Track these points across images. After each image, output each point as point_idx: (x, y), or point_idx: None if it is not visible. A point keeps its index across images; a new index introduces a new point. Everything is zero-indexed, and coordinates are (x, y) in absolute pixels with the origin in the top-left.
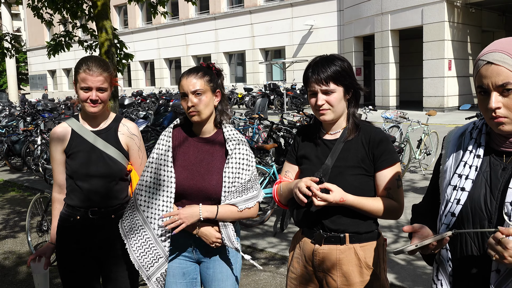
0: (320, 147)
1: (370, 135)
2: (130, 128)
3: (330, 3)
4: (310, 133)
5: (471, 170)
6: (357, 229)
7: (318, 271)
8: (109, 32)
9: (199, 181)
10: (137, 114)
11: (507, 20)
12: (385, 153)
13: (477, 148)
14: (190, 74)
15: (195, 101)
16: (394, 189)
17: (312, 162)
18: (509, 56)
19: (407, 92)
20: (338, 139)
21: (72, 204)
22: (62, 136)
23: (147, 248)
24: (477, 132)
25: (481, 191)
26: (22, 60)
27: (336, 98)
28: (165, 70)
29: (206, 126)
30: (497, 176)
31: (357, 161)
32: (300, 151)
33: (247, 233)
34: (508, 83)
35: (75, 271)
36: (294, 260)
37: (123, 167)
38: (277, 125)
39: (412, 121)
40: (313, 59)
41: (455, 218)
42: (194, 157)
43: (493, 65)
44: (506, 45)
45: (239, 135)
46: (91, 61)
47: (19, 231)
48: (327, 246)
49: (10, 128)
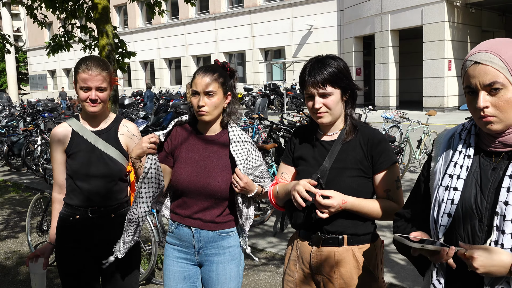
0: (317, 149)
1: (369, 136)
2: (130, 128)
3: (330, 3)
4: (307, 134)
5: (462, 170)
6: (355, 231)
7: (316, 273)
8: (110, 36)
9: (203, 178)
10: (137, 114)
11: (507, 20)
12: (384, 155)
13: (467, 148)
14: (206, 73)
15: (206, 101)
16: (394, 190)
17: (309, 164)
18: (496, 56)
19: (407, 92)
20: (335, 140)
21: (72, 203)
22: (63, 136)
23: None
24: (466, 133)
25: (471, 191)
26: (22, 60)
27: (333, 101)
28: (165, 70)
29: (213, 126)
30: (487, 176)
31: (355, 163)
32: (296, 152)
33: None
34: (496, 82)
35: (74, 271)
36: (291, 262)
37: (123, 167)
38: (277, 125)
39: (412, 121)
40: (308, 60)
41: (451, 219)
42: (199, 154)
43: (481, 65)
44: (493, 45)
45: (244, 135)
46: (90, 61)
47: (19, 231)
48: (325, 248)
49: (10, 128)
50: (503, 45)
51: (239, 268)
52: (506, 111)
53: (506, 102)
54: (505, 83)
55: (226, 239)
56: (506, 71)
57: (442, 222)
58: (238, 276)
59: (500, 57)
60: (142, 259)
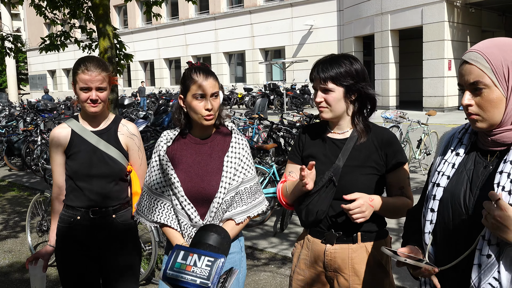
0: (329, 146)
1: (382, 135)
2: (130, 128)
3: (330, 3)
4: (317, 131)
5: (448, 166)
6: (369, 228)
7: (329, 271)
8: (111, 36)
9: (198, 183)
10: (137, 114)
11: (507, 20)
12: (397, 153)
13: (460, 146)
14: (208, 75)
15: (214, 104)
16: (407, 187)
17: (320, 161)
18: (482, 56)
19: (407, 92)
20: (348, 138)
21: (73, 205)
22: (62, 137)
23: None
24: (463, 132)
25: (461, 187)
26: (22, 60)
27: (334, 97)
28: (165, 70)
29: (212, 129)
30: (478, 174)
31: (369, 161)
32: (306, 151)
33: (247, 233)
34: (478, 82)
35: (75, 272)
36: (301, 261)
37: (123, 167)
38: (277, 125)
39: (412, 121)
40: (324, 56)
41: (435, 214)
42: (192, 159)
43: (468, 64)
44: (485, 44)
45: (245, 143)
46: (89, 61)
47: (20, 231)
48: (339, 246)
49: (10, 128)
50: (495, 46)
51: (239, 276)
52: (488, 111)
53: (488, 102)
54: (489, 84)
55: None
56: (490, 71)
57: (427, 217)
58: (237, 285)
59: (486, 57)
60: (142, 259)
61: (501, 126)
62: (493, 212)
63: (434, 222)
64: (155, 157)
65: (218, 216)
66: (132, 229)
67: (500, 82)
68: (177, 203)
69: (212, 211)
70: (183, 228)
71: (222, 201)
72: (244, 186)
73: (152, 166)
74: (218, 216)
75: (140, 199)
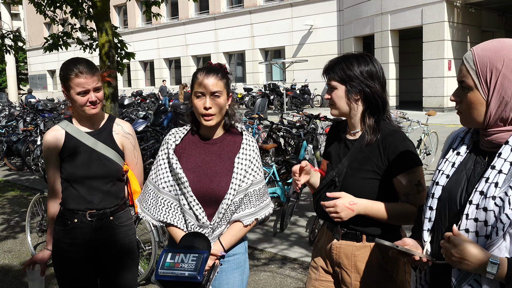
0: (342, 146)
1: (388, 137)
2: (125, 127)
3: (330, 3)
4: (338, 131)
5: (448, 165)
6: (373, 232)
7: (335, 265)
8: (109, 33)
9: (206, 183)
10: (137, 114)
11: (507, 20)
12: (401, 157)
13: (461, 146)
14: (210, 73)
15: (213, 102)
16: (414, 194)
17: (333, 160)
18: (473, 56)
19: (407, 92)
20: (357, 139)
21: (69, 207)
22: (56, 139)
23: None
24: (465, 132)
25: (459, 187)
26: (22, 60)
27: (336, 95)
28: (165, 70)
29: (215, 131)
30: (475, 174)
31: (369, 164)
32: (327, 148)
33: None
34: (463, 82)
35: (72, 275)
36: (318, 251)
37: (120, 167)
38: (277, 125)
39: (412, 121)
40: (342, 55)
41: (433, 212)
42: (201, 159)
43: (463, 62)
44: (484, 45)
45: (255, 146)
46: (80, 64)
47: (19, 231)
48: (344, 242)
49: (10, 128)
50: (493, 48)
51: (243, 277)
52: (468, 111)
53: (468, 103)
54: (471, 85)
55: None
56: (474, 73)
57: (426, 214)
58: (241, 285)
59: (475, 59)
60: (142, 259)
61: (493, 127)
62: (450, 250)
63: (432, 220)
64: (162, 155)
65: (226, 218)
66: (129, 231)
67: (481, 85)
68: (185, 203)
69: (220, 212)
70: (190, 228)
71: (231, 202)
72: (253, 188)
73: (159, 164)
74: (226, 218)
75: (143, 196)
